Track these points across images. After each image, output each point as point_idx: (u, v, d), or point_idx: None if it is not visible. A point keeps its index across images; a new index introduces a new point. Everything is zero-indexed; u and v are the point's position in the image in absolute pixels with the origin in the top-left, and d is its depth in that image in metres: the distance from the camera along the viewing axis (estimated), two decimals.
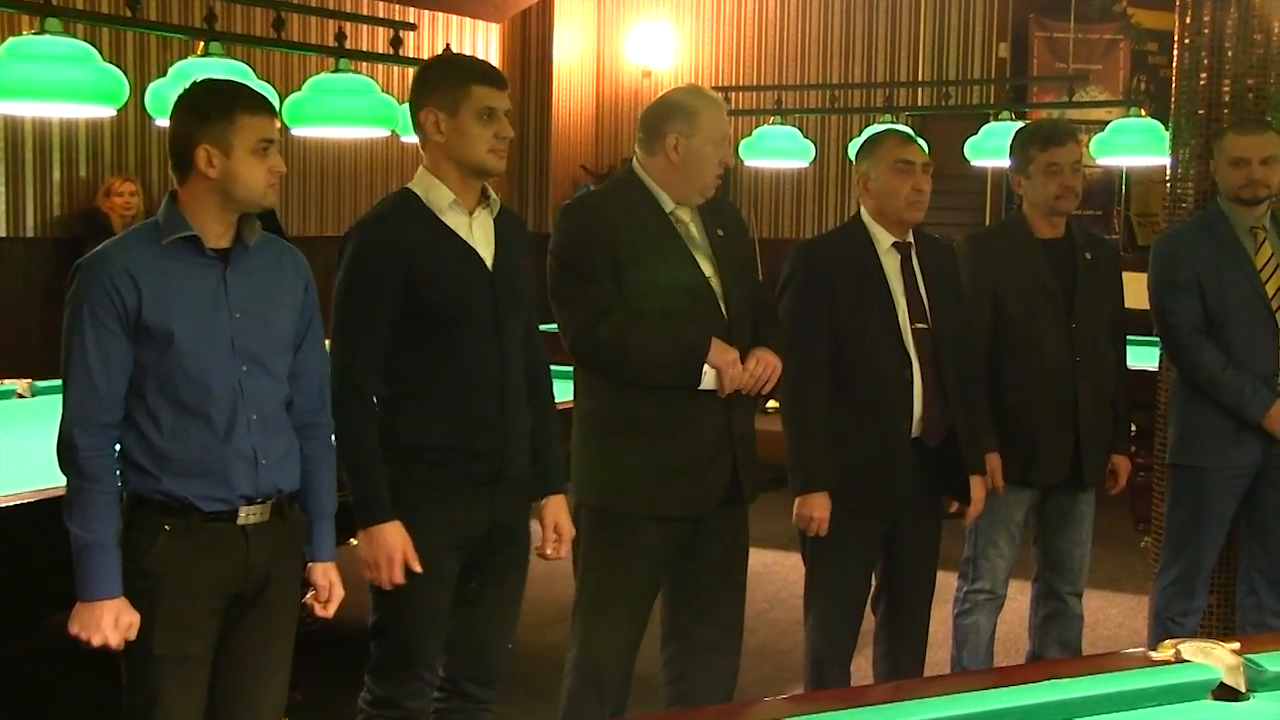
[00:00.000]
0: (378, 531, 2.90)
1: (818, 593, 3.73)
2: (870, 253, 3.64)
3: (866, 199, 3.69)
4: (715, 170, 3.25)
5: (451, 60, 3.19)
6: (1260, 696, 2.10)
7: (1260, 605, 4.12)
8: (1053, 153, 3.91)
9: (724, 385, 3.18)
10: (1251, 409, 3.96)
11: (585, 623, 3.36)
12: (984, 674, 2.20)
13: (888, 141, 3.69)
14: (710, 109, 3.27)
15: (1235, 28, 4.38)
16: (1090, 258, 3.99)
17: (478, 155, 2.96)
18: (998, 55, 10.65)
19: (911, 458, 3.60)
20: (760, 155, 8.01)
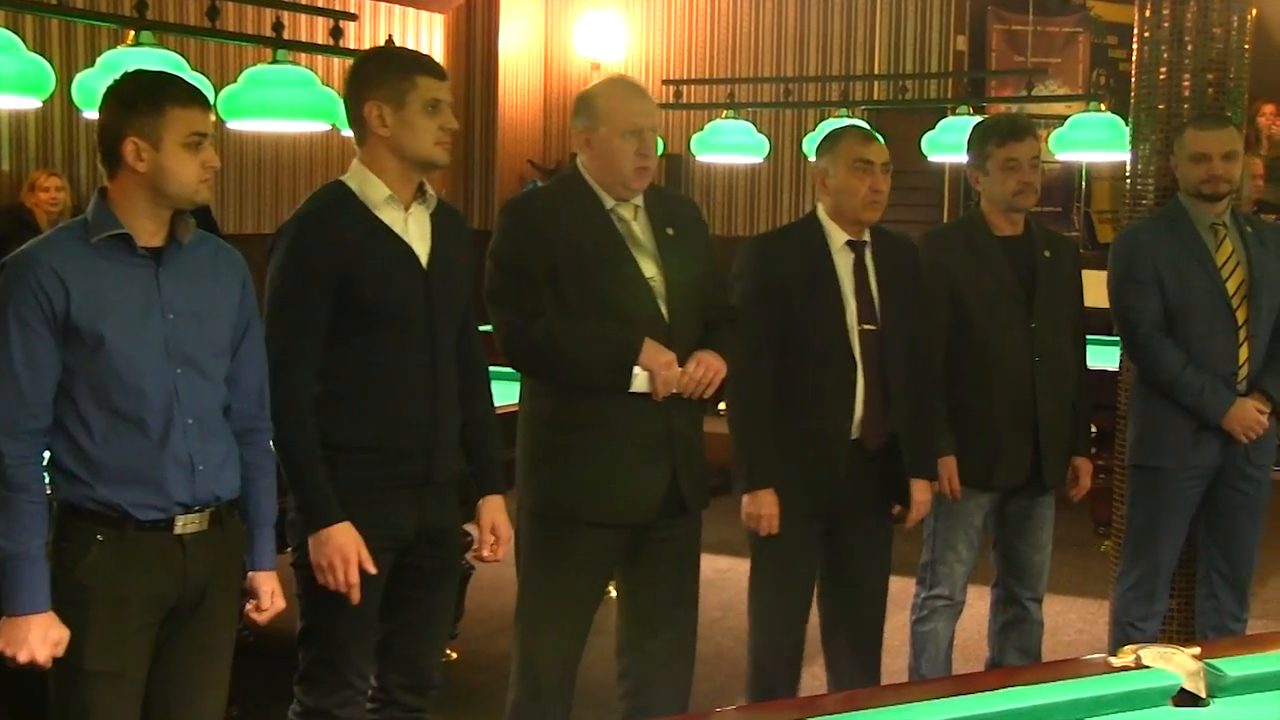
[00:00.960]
0: (329, 534, 2.90)
1: (758, 596, 3.76)
2: (822, 251, 3.67)
3: (824, 196, 3.71)
4: (632, 163, 3.23)
5: (393, 52, 3.19)
6: (1220, 702, 2.14)
7: (1220, 609, 4.18)
8: (1011, 148, 3.94)
9: (657, 388, 3.19)
10: (1212, 409, 4.01)
11: (525, 632, 3.37)
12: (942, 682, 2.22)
13: (848, 139, 3.71)
14: (618, 99, 3.26)
15: (1195, 21, 4.44)
16: (1050, 255, 4.03)
17: (425, 148, 2.96)
18: (955, 48, 10.74)
19: (851, 460, 3.63)
20: (713, 150, 8.03)
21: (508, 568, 3.46)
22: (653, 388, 3.19)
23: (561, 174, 3.47)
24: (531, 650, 3.36)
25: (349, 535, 2.90)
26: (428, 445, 3.02)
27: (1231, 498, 4.13)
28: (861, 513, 3.73)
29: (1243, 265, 4.07)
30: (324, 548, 2.90)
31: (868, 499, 3.74)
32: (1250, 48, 4.51)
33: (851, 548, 3.75)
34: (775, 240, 3.92)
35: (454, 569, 3.23)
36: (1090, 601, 5.60)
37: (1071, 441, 4.05)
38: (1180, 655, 2.19)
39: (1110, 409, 4.79)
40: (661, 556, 3.34)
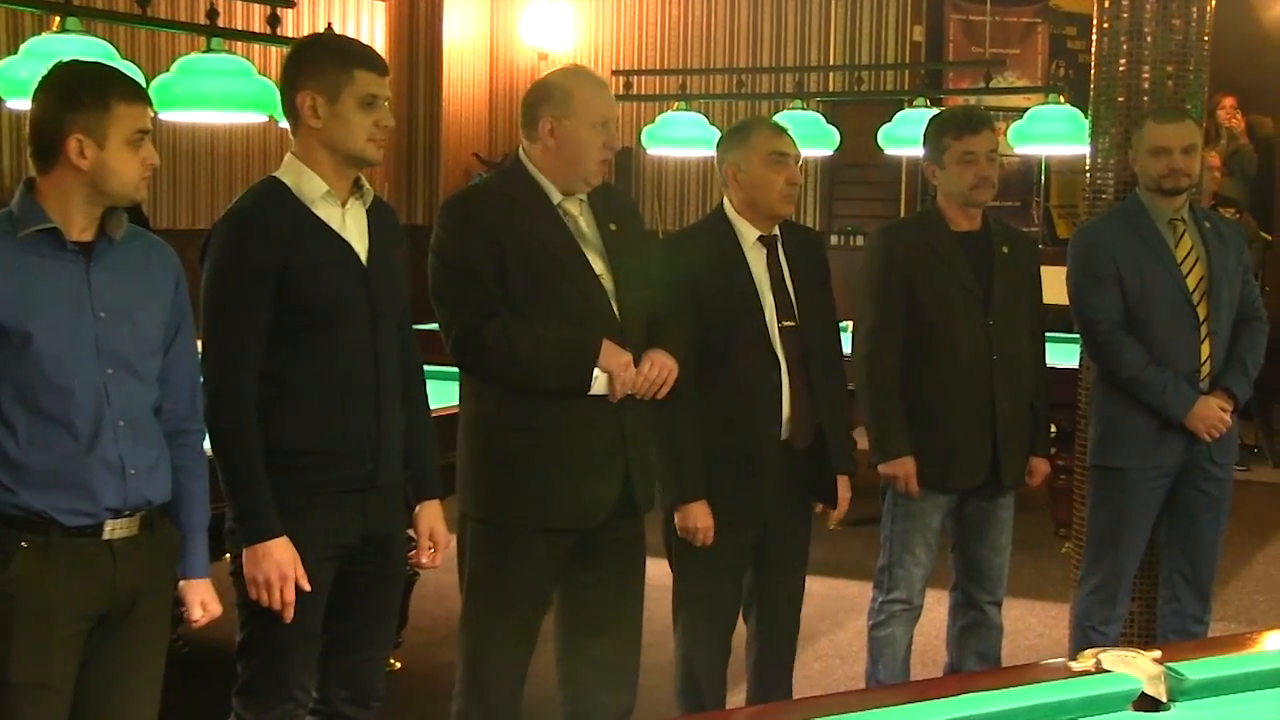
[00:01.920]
0: (266, 549, 2.88)
1: (686, 604, 3.76)
2: (734, 249, 3.67)
3: (734, 190, 3.70)
4: (598, 155, 3.24)
5: (332, 41, 3.16)
6: (1181, 706, 2.16)
7: (1182, 611, 4.22)
8: (967, 141, 3.97)
9: (615, 390, 3.19)
10: (1175, 407, 4.05)
11: (471, 641, 3.35)
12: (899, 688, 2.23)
13: (760, 132, 3.72)
14: (587, 89, 3.26)
15: (1154, 13, 4.48)
16: (1007, 251, 4.06)
17: (357, 144, 2.94)
18: (912, 39, 10.81)
19: (781, 462, 3.65)
20: (664, 143, 8.04)
21: (451, 574, 3.46)
22: (610, 390, 3.19)
23: (504, 167, 3.46)
24: (478, 660, 3.34)
25: (287, 551, 2.88)
26: (372, 448, 3.00)
27: (1195, 498, 4.17)
28: (789, 515, 3.75)
29: (1202, 261, 4.12)
30: (261, 563, 2.88)
31: (795, 501, 3.76)
32: (1210, 40, 4.56)
33: (777, 550, 3.77)
34: (686, 238, 3.92)
35: (398, 575, 3.22)
36: (1050, 605, 5.65)
37: (1030, 441, 4.09)
38: (1141, 659, 2.21)
39: (1070, 408, 4.83)
40: (608, 558, 3.34)
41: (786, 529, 3.76)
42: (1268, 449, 9.10)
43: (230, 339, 2.90)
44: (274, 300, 2.89)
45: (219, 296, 2.92)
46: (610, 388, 3.19)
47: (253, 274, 2.89)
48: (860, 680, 4.33)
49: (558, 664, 3.44)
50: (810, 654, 3.98)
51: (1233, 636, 2.79)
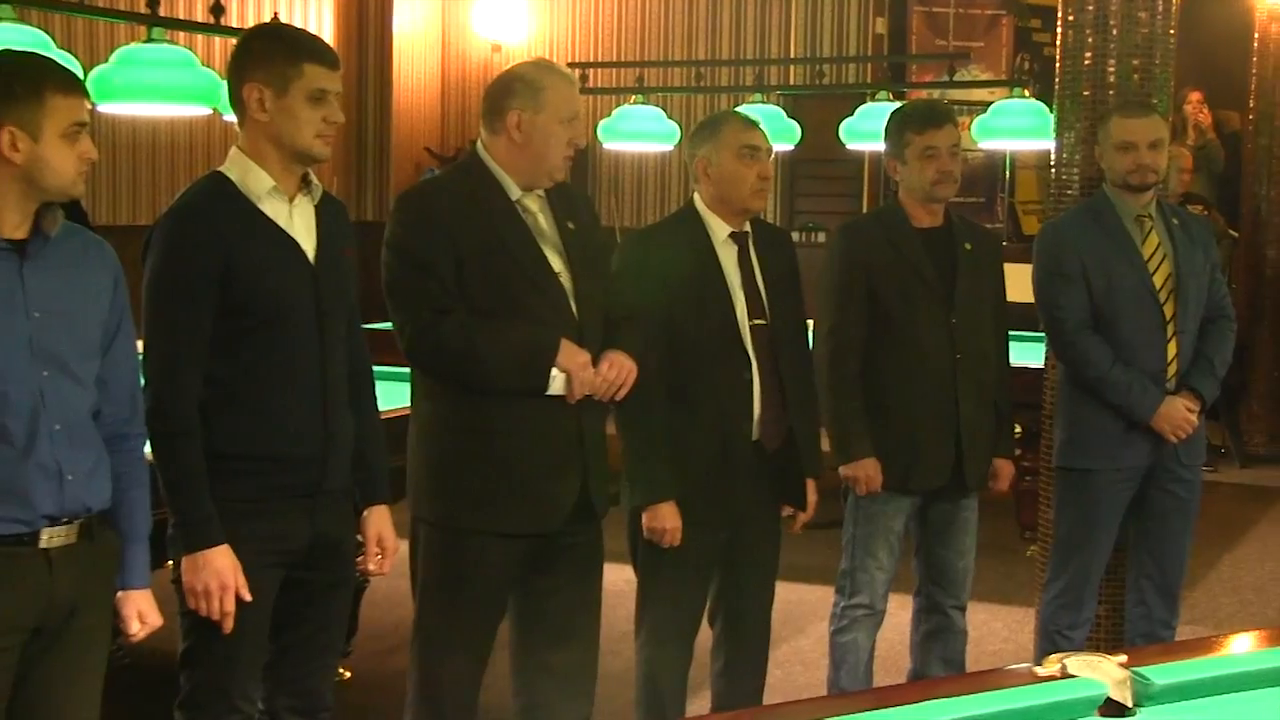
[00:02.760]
0: (206, 558, 2.86)
1: (650, 606, 3.76)
2: (705, 245, 3.68)
3: (705, 186, 3.72)
4: (564, 151, 3.24)
5: (282, 32, 3.14)
6: (1147, 711, 2.18)
7: (1150, 615, 4.26)
8: (930, 135, 3.99)
9: (574, 390, 3.19)
10: (1141, 408, 4.08)
11: (424, 649, 3.34)
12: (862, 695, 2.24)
13: (731, 125, 3.73)
14: (558, 83, 3.27)
15: (1120, 6, 4.51)
16: (970, 248, 4.08)
17: (304, 140, 2.93)
18: (874, 31, 10.85)
19: (752, 462, 3.66)
20: (620, 138, 8.03)
21: (403, 581, 3.44)
22: (568, 390, 3.19)
23: (461, 161, 3.45)
24: (432, 668, 3.33)
25: (227, 560, 2.87)
26: (320, 452, 2.99)
27: (1163, 500, 4.21)
28: (760, 517, 3.76)
29: (1169, 259, 4.15)
30: (201, 572, 2.86)
31: (766, 502, 3.77)
32: (1176, 33, 4.60)
33: (747, 553, 3.78)
34: (656, 234, 3.93)
35: (347, 582, 3.20)
36: (1016, 609, 5.68)
37: (993, 441, 4.11)
38: (1107, 664, 2.23)
39: (1035, 408, 4.86)
40: (565, 563, 3.34)
41: (757, 531, 3.77)
42: (1235, 449, 9.19)
43: (172, 340, 2.88)
44: (218, 300, 2.88)
45: (161, 296, 2.89)
46: (568, 388, 3.19)
47: (196, 273, 2.87)
48: (822, 687, 4.35)
49: (512, 672, 3.43)
50: (771, 660, 3.98)
51: (1199, 640, 2.81)
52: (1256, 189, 9.48)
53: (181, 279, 2.88)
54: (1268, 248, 9.41)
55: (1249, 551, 7.07)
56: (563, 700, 3.39)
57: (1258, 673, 2.30)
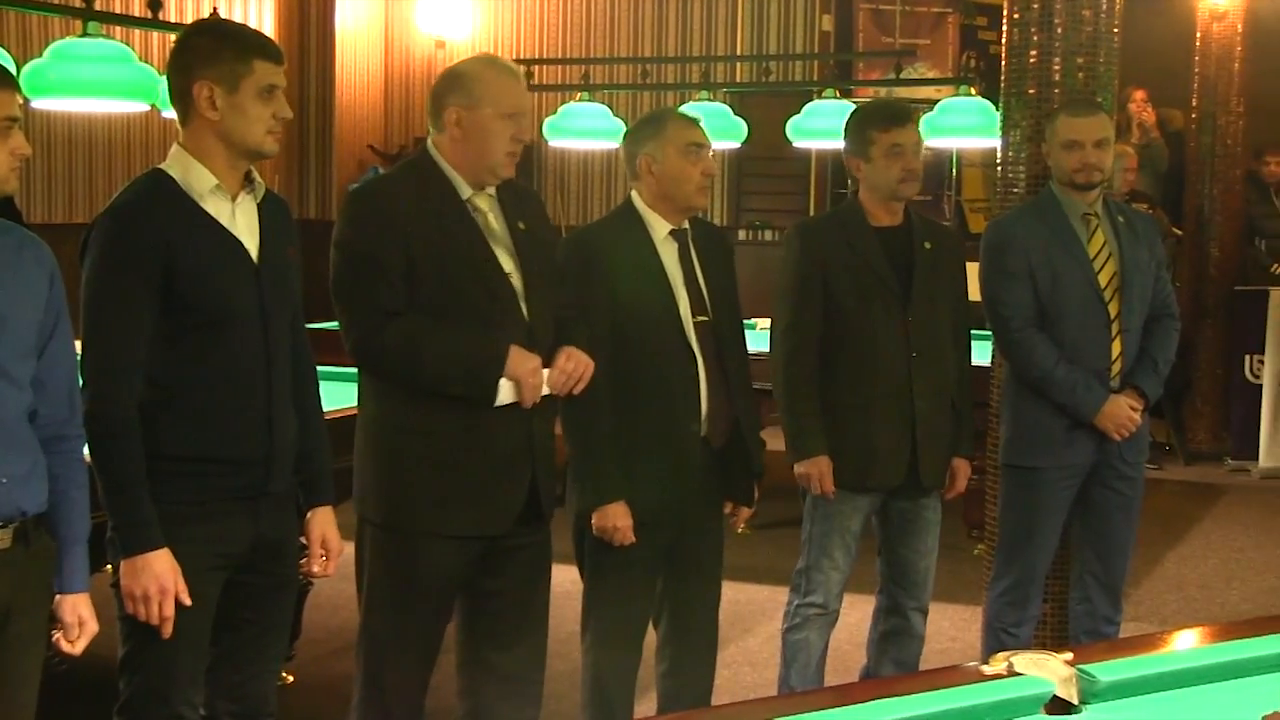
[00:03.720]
0: (146, 561, 2.83)
1: (597, 608, 3.76)
2: (646, 243, 3.69)
3: (648, 183, 3.70)
4: (507, 147, 3.23)
5: (228, 29, 3.12)
6: (1093, 708, 2.20)
7: (1094, 612, 4.30)
8: (895, 133, 4.01)
9: (524, 397, 3.18)
10: (1085, 406, 4.12)
11: (370, 651, 3.33)
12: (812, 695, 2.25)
13: (674, 123, 3.73)
14: (498, 78, 3.25)
15: (1064, 4, 4.55)
16: (930, 247, 4.10)
17: (255, 137, 2.92)
18: (821, 29, 10.90)
19: (700, 459, 3.67)
20: (566, 135, 8.02)
21: (347, 583, 3.42)
22: (519, 396, 3.18)
23: (410, 159, 3.43)
24: (378, 671, 3.31)
25: (167, 563, 2.84)
26: (265, 453, 2.98)
27: (1106, 497, 4.25)
28: (706, 516, 3.78)
29: (1115, 257, 4.19)
30: (140, 576, 2.83)
31: (711, 501, 3.79)
32: (1120, 32, 4.65)
33: (693, 551, 3.78)
34: (598, 232, 3.92)
35: (290, 584, 3.19)
36: (963, 608, 5.72)
37: (951, 441, 4.13)
38: (1053, 661, 2.25)
39: (982, 406, 4.89)
40: (513, 565, 3.33)
41: (702, 530, 3.78)
42: (1179, 447, 9.29)
43: (112, 340, 2.85)
44: (160, 300, 2.85)
45: (100, 295, 2.86)
46: (519, 395, 3.18)
47: (137, 272, 2.84)
48: (771, 687, 4.36)
49: (459, 674, 3.42)
50: (719, 661, 3.99)
51: (1144, 637, 2.84)
52: (1200, 188, 9.58)
53: (121, 279, 2.85)
54: (1211, 246, 9.52)
55: (1192, 548, 7.15)
56: (509, 703, 3.38)
57: (1201, 669, 2.33)
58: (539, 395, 3.19)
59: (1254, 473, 8.86)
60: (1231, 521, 7.76)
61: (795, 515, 4.19)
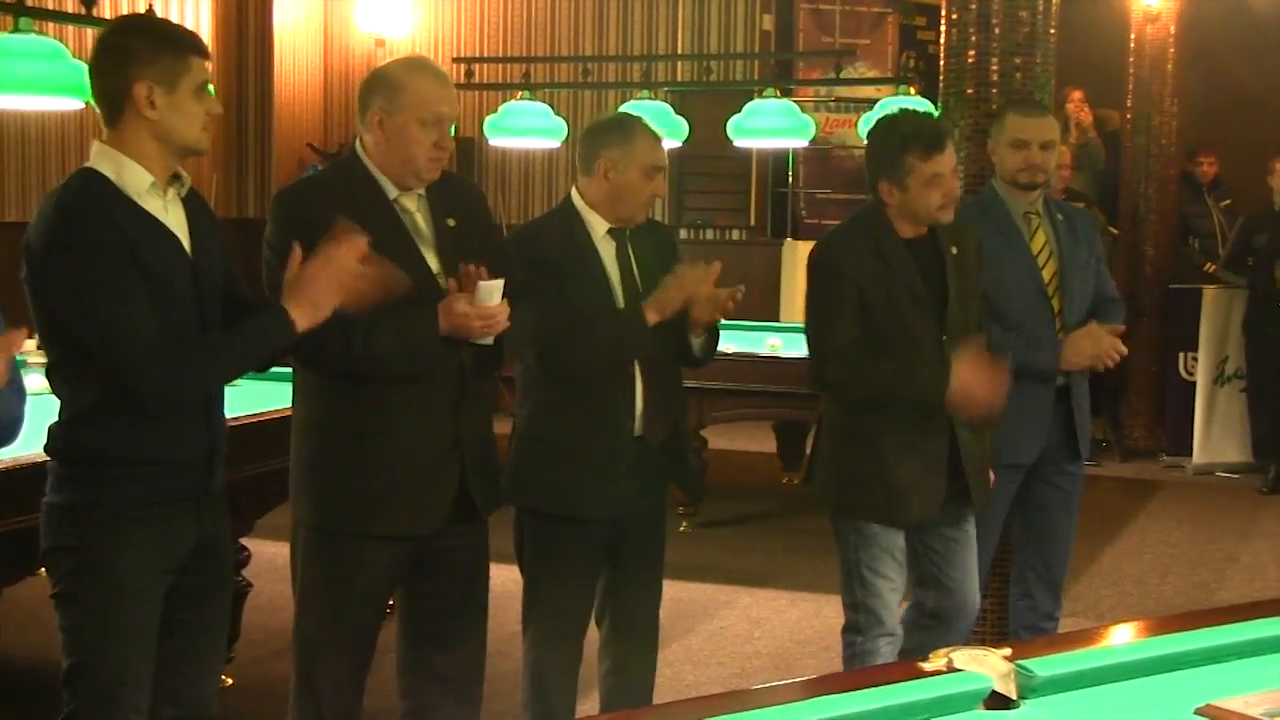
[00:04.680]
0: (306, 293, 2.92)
1: (537, 607, 3.75)
2: (585, 241, 3.69)
3: (599, 184, 3.67)
4: (428, 153, 3.20)
5: (163, 28, 3.07)
6: (1031, 703, 2.21)
7: (1035, 608, 4.33)
8: (936, 162, 3.70)
9: (475, 333, 3.17)
10: (1042, 360, 4.11)
11: (304, 653, 3.31)
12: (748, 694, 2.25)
13: (644, 141, 3.68)
14: (420, 83, 3.23)
15: (1002, 4, 4.60)
16: (956, 252, 3.86)
17: (193, 134, 2.91)
18: (761, 28, 10.93)
19: (636, 458, 3.67)
20: (507, 134, 8.00)
21: (284, 585, 3.40)
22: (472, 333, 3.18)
23: (340, 159, 3.42)
24: (313, 673, 3.30)
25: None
26: (207, 452, 2.96)
27: (1047, 493, 4.28)
28: (646, 513, 3.77)
29: (1055, 256, 4.23)
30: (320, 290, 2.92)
31: (651, 499, 3.78)
32: (1056, 32, 4.69)
33: (635, 549, 3.78)
34: (540, 229, 3.91)
35: (228, 584, 3.17)
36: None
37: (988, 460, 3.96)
38: (992, 657, 2.26)
39: None
40: (450, 566, 3.33)
41: (643, 528, 3.78)
42: (1115, 444, 9.39)
43: (118, 308, 2.77)
44: None
45: (84, 281, 2.77)
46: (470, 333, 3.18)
47: (111, 253, 2.77)
48: (713, 686, 4.36)
49: (399, 675, 3.41)
50: (660, 659, 3.99)
51: (1081, 632, 2.87)
52: (1135, 187, 9.68)
53: (99, 259, 2.76)
54: (1146, 245, 9.62)
55: (1129, 544, 7.23)
56: (449, 704, 3.38)
57: (1137, 663, 2.35)
58: (484, 325, 3.17)
59: (1188, 469, 8.97)
60: (1166, 517, 7.85)
61: (736, 514, 4.20)
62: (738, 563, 6.37)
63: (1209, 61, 9.96)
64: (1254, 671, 2.35)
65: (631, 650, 3.86)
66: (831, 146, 10.81)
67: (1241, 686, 2.24)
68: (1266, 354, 8.57)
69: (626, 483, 3.66)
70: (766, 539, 6.91)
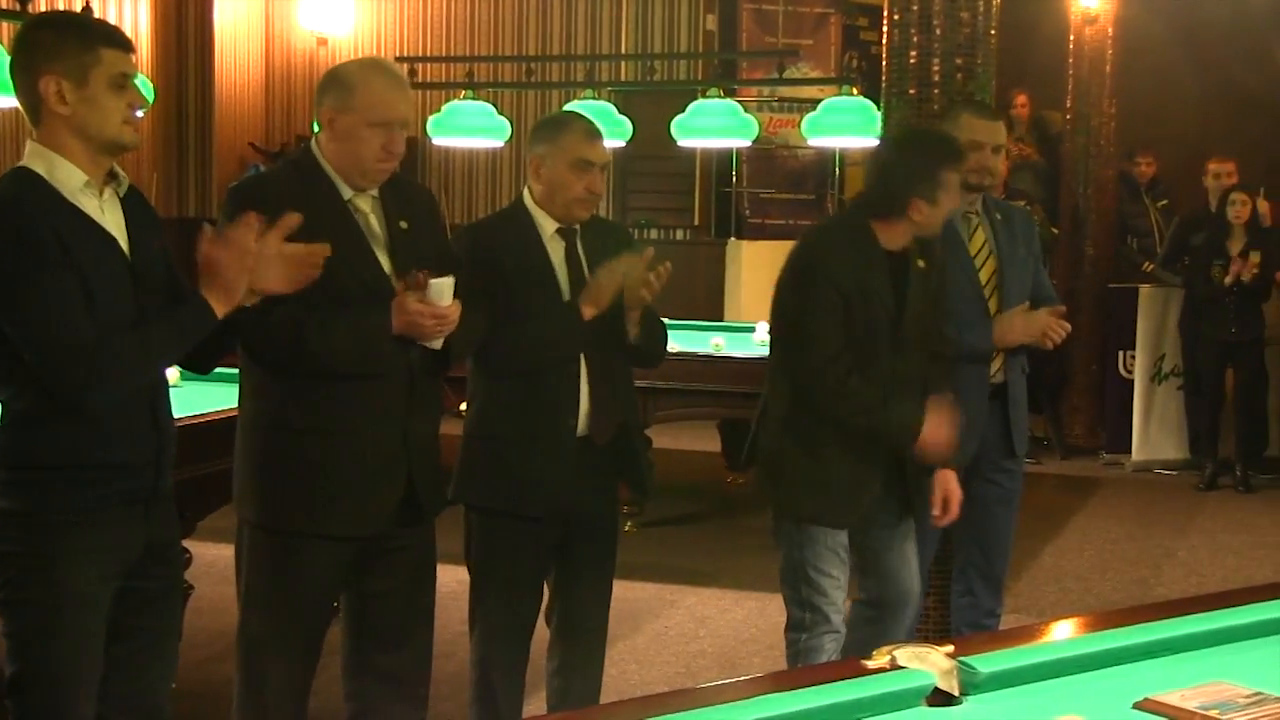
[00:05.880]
0: None
1: (484, 605, 3.74)
2: (534, 239, 3.69)
3: (535, 183, 3.70)
4: (376, 155, 3.19)
5: (70, 19, 3.03)
6: (973, 699, 2.23)
7: (977, 605, 4.36)
8: (959, 168, 3.79)
9: (427, 334, 3.16)
10: (978, 340, 4.14)
11: (248, 653, 3.29)
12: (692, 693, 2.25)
13: (572, 135, 3.69)
14: (372, 85, 3.21)
15: (943, 5, 4.62)
16: (923, 265, 3.85)
17: (112, 129, 2.85)
18: (705, 28, 10.96)
19: (582, 457, 3.66)
20: (451, 133, 7.97)
21: (228, 586, 3.37)
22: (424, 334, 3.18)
23: (293, 158, 3.40)
24: (257, 676, 3.28)
25: None
26: (154, 454, 2.92)
27: (987, 490, 4.31)
28: (594, 513, 3.77)
29: (993, 255, 4.26)
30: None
31: (600, 499, 3.78)
32: (996, 33, 4.73)
33: (583, 549, 3.78)
34: (489, 227, 3.91)
35: (179, 587, 3.14)
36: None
37: None
38: (934, 654, 2.27)
39: None
40: (396, 566, 3.32)
41: (592, 527, 3.77)
42: (1056, 441, 9.47)
43: (47, 308, 2.71)
44: None
45: (13, 280, 2.72)
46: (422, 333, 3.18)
47: (41, 252, 2.73)
48: (657, 685, 4.37)
49: (344, 676, 3.39)
50: (606, 659, 3.99)
51: (1022, 628, 2.89)
52: (1075, 187, 9.77)
53: (28, 253, 2.71)
54: (1086, 244, 9.71)
55: (1069, 541, 7.29)
56: (395, 705, 3.36)
57: (1078, 658, 2.37)
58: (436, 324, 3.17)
59: (1127, 466, 9.07)
60: (1106, 514, 7.93)
61: (681, 513, 4.20)
62: (682, 562, 6.39)
63: (1146, 63, 10.07)
64: (1191, 665, 2.38)
65: (580, 650, 3.85)
66: (775, 146, 10.84)
67: (1179, 680, 2.27)
68: (1202, 352, 8.67)
69: (573, 481, 3.65)
70: (711, 538, 6.93)
